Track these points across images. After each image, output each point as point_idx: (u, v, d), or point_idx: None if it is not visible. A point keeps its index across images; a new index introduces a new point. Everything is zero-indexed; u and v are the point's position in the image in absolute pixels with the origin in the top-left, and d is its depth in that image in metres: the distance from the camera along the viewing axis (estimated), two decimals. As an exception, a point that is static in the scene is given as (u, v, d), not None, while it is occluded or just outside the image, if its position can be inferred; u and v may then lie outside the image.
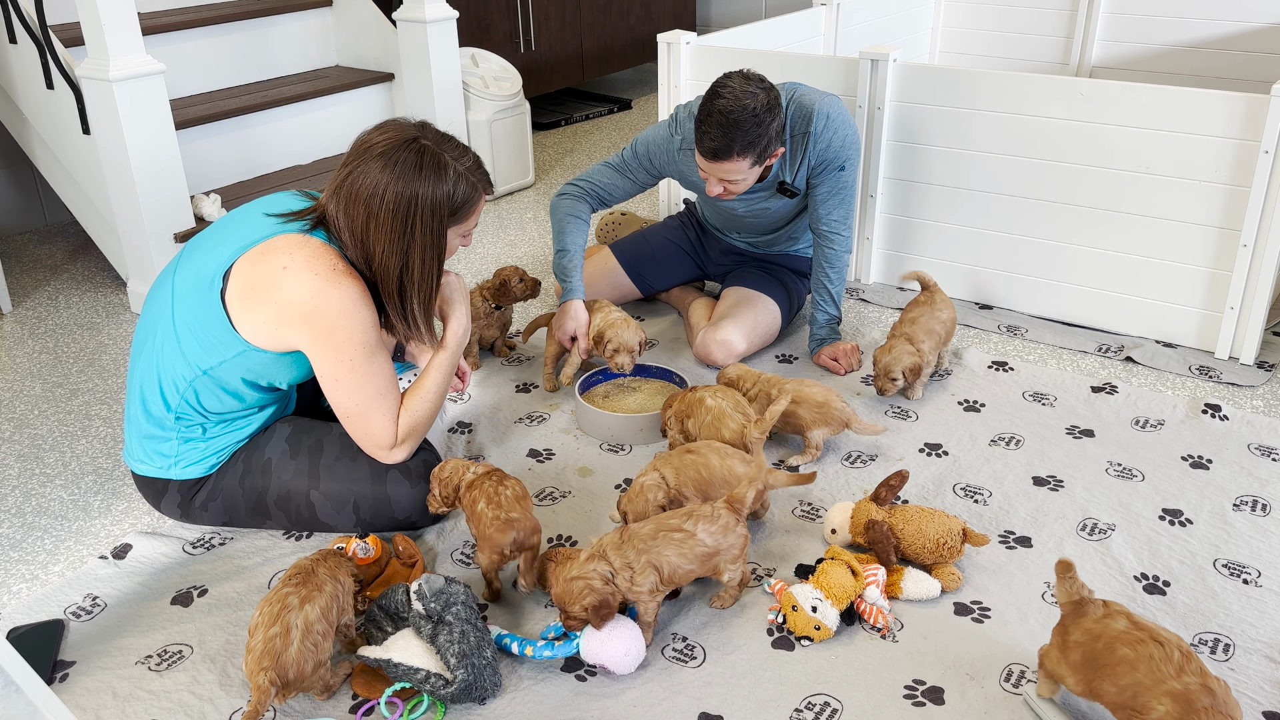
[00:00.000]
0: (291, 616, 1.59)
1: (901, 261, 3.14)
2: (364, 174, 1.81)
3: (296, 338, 1.84)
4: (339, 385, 1.88)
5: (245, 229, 1.88)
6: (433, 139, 1.86)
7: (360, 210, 1.82)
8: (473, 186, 1.90)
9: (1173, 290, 2.74)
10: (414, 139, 1.84)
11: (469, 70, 3.97)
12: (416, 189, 1.81)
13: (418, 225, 1.83)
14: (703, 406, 2.19)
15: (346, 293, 1.82)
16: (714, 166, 2.37)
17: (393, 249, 1.84)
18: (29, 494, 2.27)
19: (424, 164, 1.82)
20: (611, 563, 1.71)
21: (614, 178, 2.68)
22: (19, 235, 3.82)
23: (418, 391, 2.01)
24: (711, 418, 2.17)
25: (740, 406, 2.19)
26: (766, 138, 2.34)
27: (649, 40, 5.49)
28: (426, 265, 1.88)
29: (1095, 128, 2.69)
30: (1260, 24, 3.98)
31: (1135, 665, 1.42)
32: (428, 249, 1.86)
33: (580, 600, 1.66)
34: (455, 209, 1.88)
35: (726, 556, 1.79)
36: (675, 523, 1.77)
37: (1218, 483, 2.19)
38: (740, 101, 2.27)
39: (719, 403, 2.18)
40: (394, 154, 1.81)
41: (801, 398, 2.26)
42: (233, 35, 3.76)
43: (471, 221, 1.94)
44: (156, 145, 2.92)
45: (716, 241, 2.97)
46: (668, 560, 1.73)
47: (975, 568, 1.94)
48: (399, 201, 1.81)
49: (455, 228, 1.91)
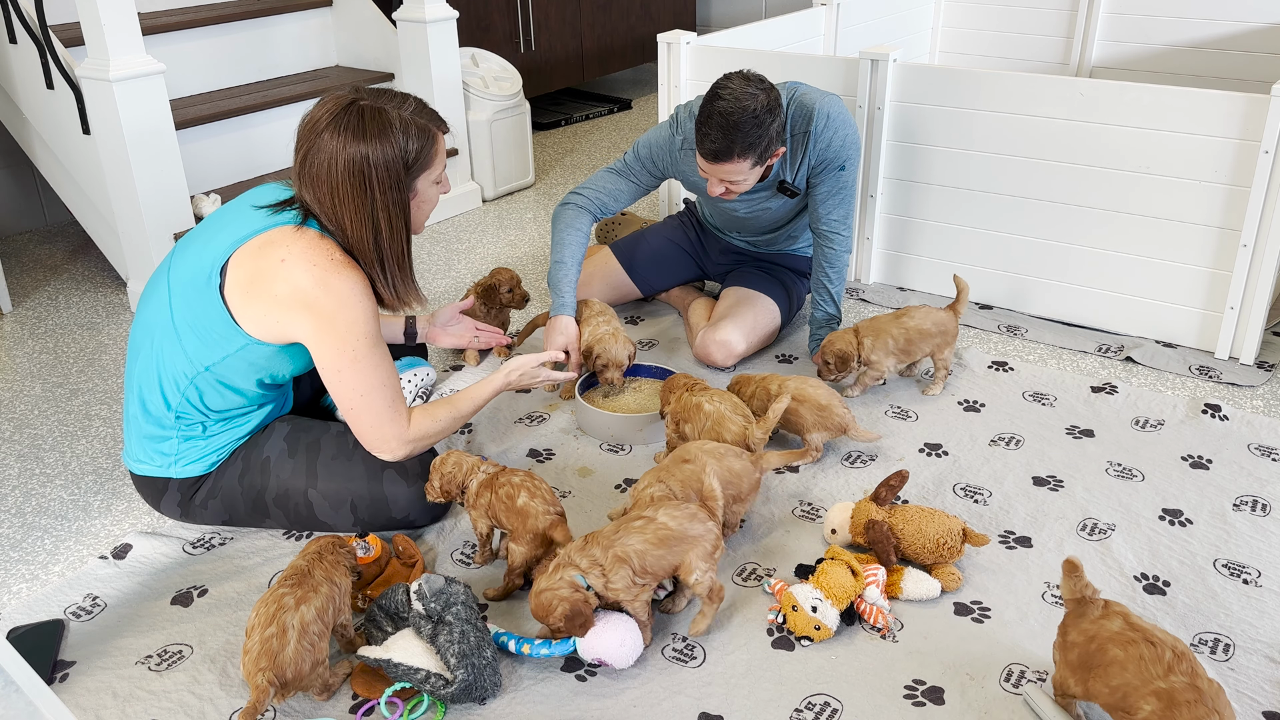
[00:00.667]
0: (287, 617, 1.59)
1: (901, 261, 3.14)
2: (316, 151, 1.81)
3: (298, 329, 1.84)
4: (340, 377, 1.88)
5: (237, 223, 1.88)
6: (369, 97, 1.85)
7: (323, 188, 1.82)
8: (423, 130, 1.87)
9: (1173, 290, 2.74)
10: (351, 102, 1.83)
11: (469, 70, 3.97)
12: (364, 151, 1.80)
13: (376, 187, 1.82)
14: (701, 412, 2.16)
15: (347, 283, 1.82)
16: (715, 168, 2.37)
17: (360, 217, 1.83)
18: (29, 494, 2.27)
19: (365, 124, 1.81)
20: (578, 564, 1.68)
21: (617, 183, 2.67)
22: (19, 235, 3.82)
23: (452, 404, 2.02)
24: (711, 423, 2.14)
25: (739, 409, 2.18)
26: (767, 138, 2.33)
27: (649, 40, 5.49)
28: (394, 225, 1.87)
29: (1095, 128, 2.69)
30: (1260, 24, 3.98)
31: (1125, 666, 1.43)
32: (392, 207, 1.85)
33: (553, 612, 1.64)
34: (411, 161, 1.85)
35: (697, 550, 1.73)
36: (636, 512, 1.76)
37: (1218, 483, 2.19)
38: (740, 103, 2.27)
39: (717, 407, 2.16)
40: (335, 122, 1.80)
41: (804, 397, 2.26)
42: (233, 35, 3.76)
43: (437, 167, 1.91)
44: (156, 145, 2.92)
45: (716, 241, 2.97)
46: (633, 548, 1.69)
47: (975, 568, 1.94)
48: (352, 168, 1.80)
49: (422, 176, 1.89)
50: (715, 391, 2.22)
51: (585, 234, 2.63)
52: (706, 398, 2.19)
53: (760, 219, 2.74)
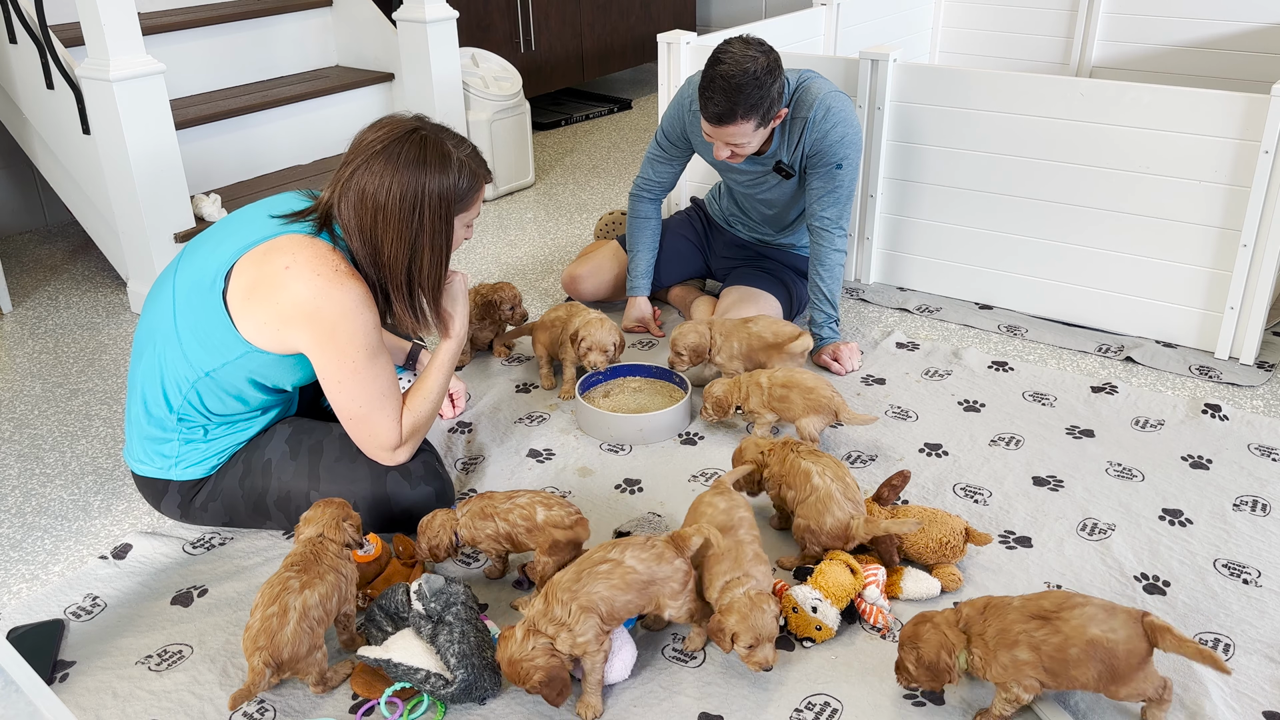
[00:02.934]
0: (290, 598, 1.62)
1: (902, 261, 3.14)
2: (367, 170, 1.82)
3: (298, 339, 1.84)
4: (341, 387, 1.88)
5: (248, 229, 1.88)
6: (431, 130, 1.87)
7: (368, 206, 1.82)
8: (474, 175, 1.90)
9: (1173, 290, 2.74)
10: (414, 129, 1.85)
11: (469, 70, 3.97)
12: (423, 180, 1.82)
13: (426, 216, 1.84)
14: (809, 484, 1.94)
15: (349, 294, 1.82)
16: (720, 131, 2.42)
17: (401, 242, 1.84)
18: (29, 494, 2.27)
19: (427, 155, 1.82)
20: (544, 631, 1.59)
21: (658, 167, 2.83)
22: (19, 235, 3.82)
23: (419, 390, 2.01)
24: (816, 499, 1.92)
25: (850, 492, 1.94)
26: (769, 100, 2.38)
27: (649, 40, 5.49)
28: (435, 255, 1.88)
29: (1095, 128, 2.69)
30: (1260, 24, 3.98)
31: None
32: (436, 238, 1.87)
33: (529, 680, 1.57)
34: (460, 198, 1.88)
35: (665, 590, 1.65)
36: (599, 554, 1.65)
37: (1218, 483, 2.19)
38: (741, 65, 2.33)
39: (827, 484, 1.92)
40: (396, 147, 1.82)
41: (793, 383, 2.26)
42: (233, 35, 3.76)
43: (474, 211, 1.94)
44: (156, 145, 2.92)
45: (722, 234, 3.00)
46: (599, 595, 1.60)
47: (976, 568, 1.94)
48: (406, 193, 1.81)
49: (459, 217, 1.91)
50: (825, 460, 1.98)
51: (652, 218, 2.88)
52: (816, 466, 1.96)
53: (759, 198, 2.78)
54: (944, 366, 2.69)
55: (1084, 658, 1.48)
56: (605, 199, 4.06)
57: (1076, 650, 1.48)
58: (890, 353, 2.78)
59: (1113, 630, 1.48)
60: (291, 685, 1.70)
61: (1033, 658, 1.50)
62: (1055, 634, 1.49)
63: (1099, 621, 1.49)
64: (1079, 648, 1.48)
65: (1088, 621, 1.49)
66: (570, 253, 3.51)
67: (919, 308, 3.04)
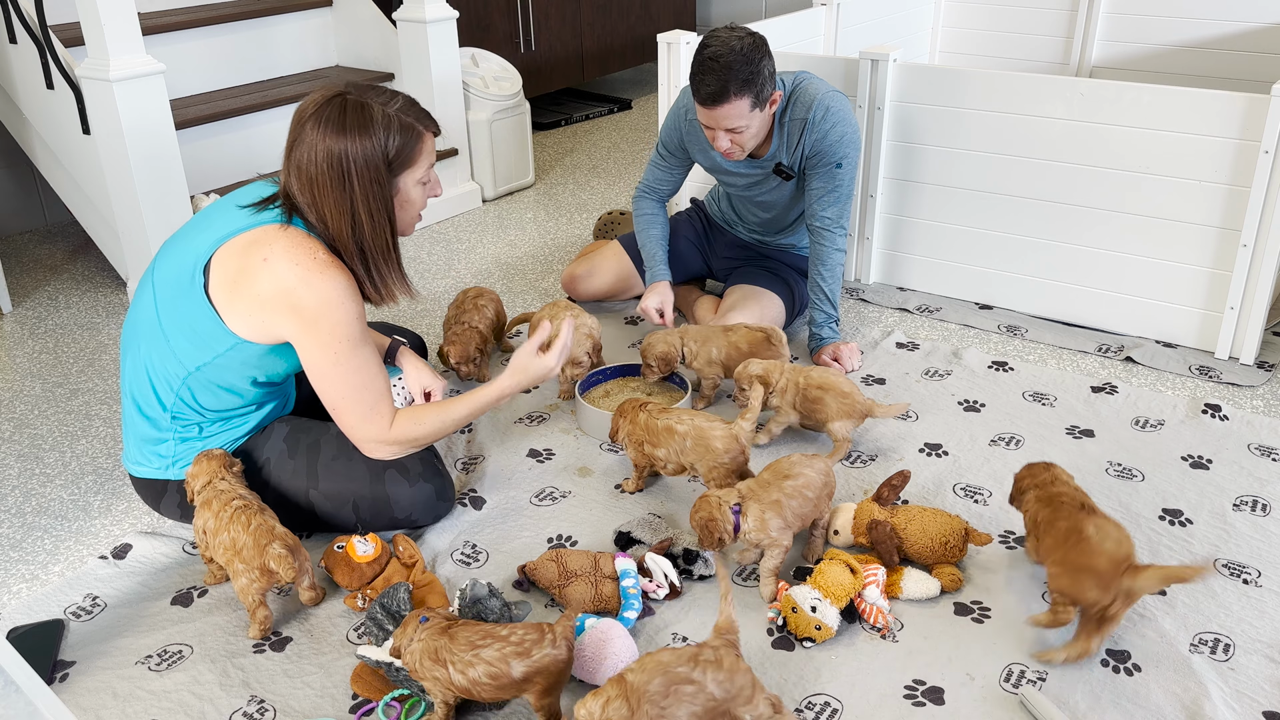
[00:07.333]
0: (261, 516, 1.81)
1: (901, 261, 3.14)
2: (301, 143, 1.81)
3: (283, 329, 1.84)
4: (325, 377, 1.88)
5: (219, 222, 1.88)
6: (356, 91, 1.84)
7: (305, 180, 1.82)
8: (407, 128, 1.85)
9: (1173, 290, 2.74)
10: (337, 94, 1.83)
11: (469, 70, 3.97)
12: (343, 145, 1.79)
13: (354, 181, 1.81)
14: (675, 434, 2.05)
15: (331, 283, 1.81)
16: (716, 113, 2.40)
17: (340, 211, 1.83)
18: (29, 494, 2.27)
19: (347, 118, 1.80)
20: (739, 493, 1.85)
21: (659, 173, 2.83)
22: (19, 235, 3.82)
23: (439, 406, 2.00)
24: (691, 441, 2.03)
25: (711, 416, 2.07)
26: (761, 78, 2.38)
27: (649, 40, 5.49)
28: (376, 220, 1.85)
29: (1095, 128, 2.69)
30: (1260, 24, 3.98)
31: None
32: (372, 202, 1.84)
33: (693, 517, 1.85)
34: (392, 158, 1.84)
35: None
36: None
37: (1218, 483, 2.19)
38: (729, 45, 2.34)
39: (691, 424, 2.05)
40: (320, 114, 1.81)
41: (828, 385, 2.26)
42: (233, 35, 3.76)
43: (421, 166, 1.89)
44: (156, 145, 2.92)
45: (722, 234, 2.99)
46: (785, 498, 1.86)
47: (976, 568, 1.94)
48: (331, 160, 1.80)
49: (405, 175, 1.88)
50: (679, 410, 2.11)
51: (656, 214, 2.84)
52: (675, 418, 2.08)
53: (756, 201, 2.77)
54: (944, 366, 2.69)
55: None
56: (605, 199, 4.06)
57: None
58: (890, 353, 2.78)
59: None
60: (292, 685, 1.70)
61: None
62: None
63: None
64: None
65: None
66: (570, 253, 3.52)
67: (919, 308, 3.04)
